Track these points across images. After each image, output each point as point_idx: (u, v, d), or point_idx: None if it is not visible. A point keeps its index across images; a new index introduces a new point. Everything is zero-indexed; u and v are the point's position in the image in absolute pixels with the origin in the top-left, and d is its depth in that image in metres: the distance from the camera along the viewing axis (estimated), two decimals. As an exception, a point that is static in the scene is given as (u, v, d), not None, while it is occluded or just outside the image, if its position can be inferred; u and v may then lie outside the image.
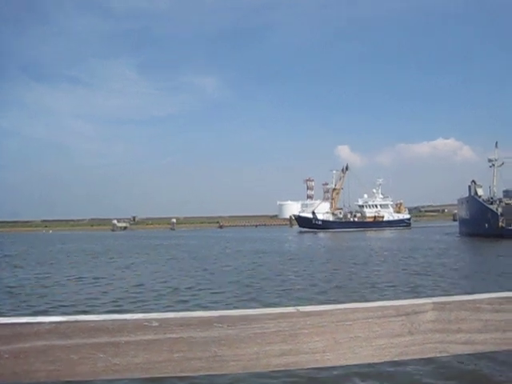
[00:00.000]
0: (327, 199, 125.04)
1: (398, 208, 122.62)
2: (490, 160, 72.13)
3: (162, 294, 20.44)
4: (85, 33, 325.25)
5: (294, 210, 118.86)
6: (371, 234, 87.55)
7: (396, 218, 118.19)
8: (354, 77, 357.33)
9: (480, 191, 67.77)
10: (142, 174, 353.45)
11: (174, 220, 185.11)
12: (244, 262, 34.65)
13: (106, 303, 18.18)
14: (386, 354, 1.27)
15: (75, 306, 17.54)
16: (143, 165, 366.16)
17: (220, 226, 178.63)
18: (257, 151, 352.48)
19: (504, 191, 67.94)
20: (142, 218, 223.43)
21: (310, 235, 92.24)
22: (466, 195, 70.38)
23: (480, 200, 65.45)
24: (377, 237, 75.89)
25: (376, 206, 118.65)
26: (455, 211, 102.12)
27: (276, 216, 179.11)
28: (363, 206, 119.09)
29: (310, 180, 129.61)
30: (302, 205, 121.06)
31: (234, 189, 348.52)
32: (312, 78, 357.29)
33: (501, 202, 63.68)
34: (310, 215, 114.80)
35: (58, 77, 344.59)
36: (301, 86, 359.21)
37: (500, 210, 60.69)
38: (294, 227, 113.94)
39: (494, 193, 68.39)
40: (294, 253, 44.98)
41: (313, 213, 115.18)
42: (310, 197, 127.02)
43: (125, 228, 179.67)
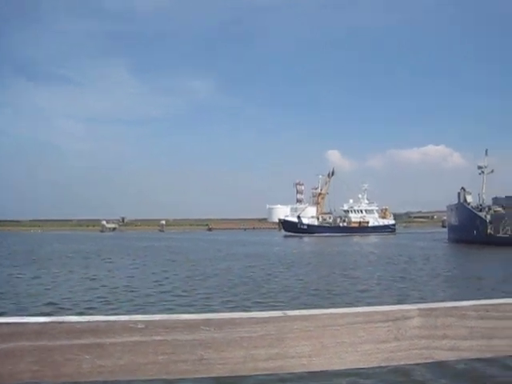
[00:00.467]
0: (317, 203, 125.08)
1: (383, 213, 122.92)
2: (480, 167, 72.49)
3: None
4: (77, 33, 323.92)
5: (283, 213, 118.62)
6: (356, 239, 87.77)
7: (381, 223, 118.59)
8: (344, 82, 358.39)
9: (469, 198, 68.12)
10: (131, 175, 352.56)
11: (164, 222, 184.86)
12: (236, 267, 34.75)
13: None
14: (372, 359, 1.26)
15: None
16: (133, 166, 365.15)
17: (209, 229, 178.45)
18: (247, 155, 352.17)
19: (493, 198, 68.21)
20: (131, 219, 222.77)
21: (295, 239, 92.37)
22: (456, 202, 70.70)
23: (469, 207, 65.80)
24: (361, 242, 76.10)
25: (361, 211, 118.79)
26: (444, 218, 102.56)
27: (265, 219, 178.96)
28: (348, 210, 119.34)
29: (299, 184, 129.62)
30: (291, 209, 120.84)
31: (223, 192, 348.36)
32: (302, 83, 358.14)
33: (490, 209, 64.04)
34: (296, 219, 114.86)
35: (49, 76, 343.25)
36: (291, 91, 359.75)
37: (489, 217, 61.06)
38: (282, 231, 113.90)
39: (483, 200, 68.73)
40: (281, 257, 44.98)
41: (298, 217, 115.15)
42: (299, 201, 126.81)
43: (114, 229, 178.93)
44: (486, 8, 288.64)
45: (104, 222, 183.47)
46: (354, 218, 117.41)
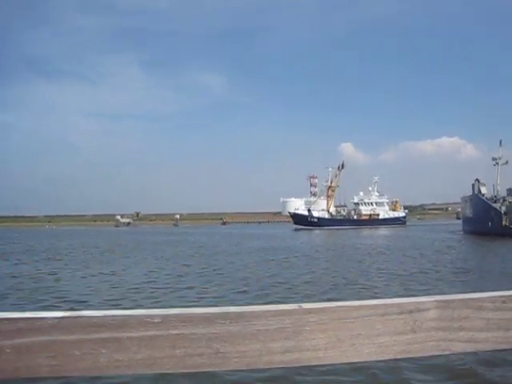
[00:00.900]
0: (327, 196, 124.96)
1: (393, 206, 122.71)
2: (494, 158, 72.02)
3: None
4: (88, 29, 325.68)
5: (297, 206, 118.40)
6: (366, 231, 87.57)
7: (391, 215, 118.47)
8: (357, 76, 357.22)
9: (483, 189, 67.65)
10: (145, 170, 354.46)
11: (178, 216, 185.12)
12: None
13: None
14: (388, 351, 1.26)
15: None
16: (146, 161, 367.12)
17: (223, 223, 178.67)
18: (261, 149, 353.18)
19: (508, 190, 67.67)
20: (146, 213, 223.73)
21: (306, 232, 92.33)
22: (470, 193, 70.27)
23: (483, 198, 65.35)
24: (372, 235, 75.87)
25: (372, 203, 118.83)
26: (459, 209, 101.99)
27: (280, 213, 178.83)
28: (359, 203, 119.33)
29: (313, 177, 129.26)
30: (305, 201, 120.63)
31: (237, 186, 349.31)
32: (316, 77, 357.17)
33: (504, 200, 63.48)
34: (306, 212, 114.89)
35: (62, 73, 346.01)
36: (305, 85, 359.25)
37: (503, 208, 60.52)
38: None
39: (497, 191, 68.26)
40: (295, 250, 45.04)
41: (308, 210, 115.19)
42: (313, 194, 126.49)
43: (128, 224, 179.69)
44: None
45: (118, 217, 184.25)
46: (365, 210, 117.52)
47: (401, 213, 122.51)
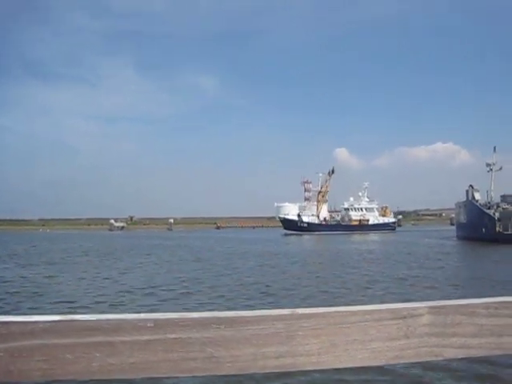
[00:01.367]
0: (325, 201, 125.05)
1: (383, 211, 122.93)
2: (488, 164, 72.21)
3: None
4: (85, 31, 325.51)
5: (291, 211, 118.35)
6: (356, 237, 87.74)
7: (381, 221, 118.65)
8: (352, 79, 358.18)
9: (477, 196, 67.80)
10: (139, 173, 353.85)
11: (172, 220, 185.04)
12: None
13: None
14: (381, 357, 1.26)
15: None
16: (141, 164, 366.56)
17: (217, 227, 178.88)
18: (256, 152, 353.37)
19: (501, 196, 67.94)
20: (139, 217, 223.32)
21: (295, 238, 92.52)
22: (464, 199, 70.46)
23: (477, 204, 65.50)
24: (361, 240, 75.98)
25: (361, 209, 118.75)
26: (453, 215, 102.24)
27: (274, 218, 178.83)
28: (349, 208, 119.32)
29: (307, 182, 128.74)
30: (299, 207, 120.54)
31: (231, 190, 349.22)
32: (311, 80, 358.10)
33: (498, 206, 63.67)
34: (296, 217, 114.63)
35: (58, 75, 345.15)
36: (300, 88, 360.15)
37: (497, 214, 60.65)
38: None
39: (491, 197, 68.38)
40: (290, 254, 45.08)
41: (298, 215, 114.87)
42: (307, 199, 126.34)
43: (122, 228, 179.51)
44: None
45: (112, 221, 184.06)
46: (355, 216, 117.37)
47: (391, 218, 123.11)
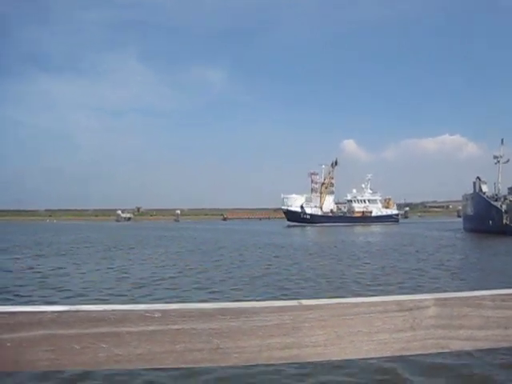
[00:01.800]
0: (331, 193, 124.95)
1: (386, 203, 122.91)
2: (496, 157, 71.89)
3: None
4: (89, 24, 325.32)
5: (298, 203, 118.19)
6: (359, 229, 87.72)
7: (384, 213, 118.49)
8: (358, 74, 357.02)
9: (485, 188, 67.55)
10: (146, 165, 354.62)
11: (179, 211, 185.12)
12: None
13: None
14: (387, 349, 1.26)
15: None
16: (147, 157, 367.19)
17: (224, 219, 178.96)
18: (261, 147, 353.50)
19: (509, 188, 67.59)
20: (146, 208, 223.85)
21: (298, 229, 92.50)
22: (471, 192, 70.22)
23: (484, 197, 65.26)
24: (364, 232, 75.89)
25: (364, 200, 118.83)
26: (460, 207, 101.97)
27: (280, 209, 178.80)
28: (352, 200, 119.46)
29: (314, 174, 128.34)
30: (306, 198, 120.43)
31: (238, 182, 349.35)
32: (316, 76, 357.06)
33: (505, 199, 63.34)
34: (299, 209, 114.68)
35: (63, 68, 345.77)
36: (306, 84, 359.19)
37: (504, 207, 60.35)
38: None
39: (498, 190, 68.17)
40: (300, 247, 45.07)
41: (301, 207, 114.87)
42: (314, 190, 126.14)
43: (129, 219, 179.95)
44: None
45: (119, 212, 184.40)
46: (357, 207, 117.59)
47: (394, 210, 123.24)
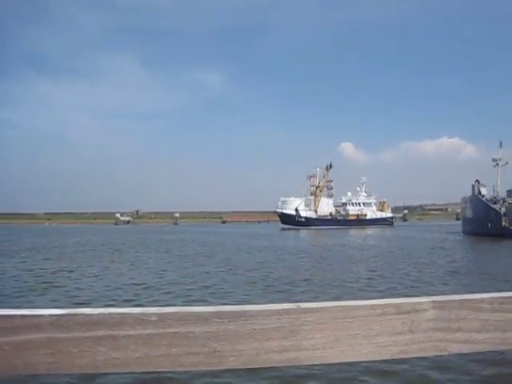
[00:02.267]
0: (330, 196, 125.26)
1: (381, 206, 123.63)
2: (495, 159, 71.93)
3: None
4: (89, 26, 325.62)
5: (296, 205, 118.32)
6: (353, 232, 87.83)
7: (379, 216, 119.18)
8: (357, 76, 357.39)
9: (483, 190, 67.56)
10: (144, 168, 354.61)
11: (177, 214, 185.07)
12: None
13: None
14: (385, 352, 1.26)
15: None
16: (145, 159, 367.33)
17: (223, 222, 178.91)
18: (260, 148, 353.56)
19: (507, 191, 67.57)
20: (145, 212, 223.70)
21: (292, 232, 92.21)
22: (470, 194, 70.25)
23: (483, 199, 65.25)
24: (358, 235, 75.44)
25: (359, 203, 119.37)
26: (458, 210, 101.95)
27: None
28: (346, 203, 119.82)
29: (313, 176, 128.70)
30: (305, 200, 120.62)
31: (237, 184, 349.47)
32: (316, 77, 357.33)
33: (504, 201, 63.32)
34: (293, 212, 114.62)
35: (62, 70, 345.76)
36: (305, 85, 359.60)
37: (503, 209, 60.34)
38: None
39: (497, 192, 68.14)
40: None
41: (296, 210, 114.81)
42: (312, 193, 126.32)
43: (128, 222, 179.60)
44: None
45: (118, 215, 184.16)
46: (352, 210, 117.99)
47: (388, 213, 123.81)
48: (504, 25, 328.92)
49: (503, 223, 58.81)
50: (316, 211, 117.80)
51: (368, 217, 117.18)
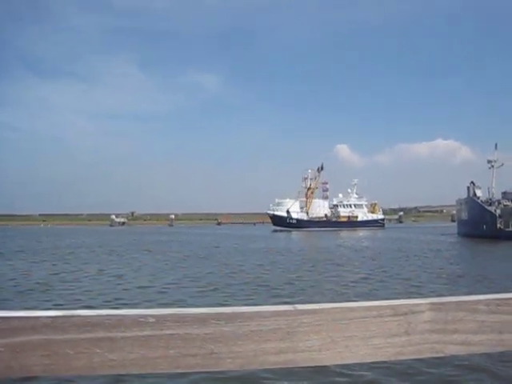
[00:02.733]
0: (325, 198, 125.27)
1: (372, 208, 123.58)
2: (490, 161, 72.10)
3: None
4: (86, 28, 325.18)
5: (292, 207, 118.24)
6: (344, 233, 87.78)
7: (370, 218, 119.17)
8: (353, 77, 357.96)
9: (479, 192, 67.77)
10: (140, 169, 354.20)
11: (173, 216, 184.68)
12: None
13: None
14: (382, 353, 1.26)
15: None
16: (141, 160, 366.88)
17: (218, 223, 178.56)
18: (256, 149, 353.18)
19: (502, 193, 67.75)
20: (141, 213, 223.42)
21: (283, 234, 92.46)
22: (465, 196, 70.36)
23: (478, 201, 65.45)
24: (349, 237, 75.54)
25: (350, 205, 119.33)
26: (454, 212, 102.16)
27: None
28: (337, 205, 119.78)
29: (306, 178, 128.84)
30: (300, 202, 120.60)
31: (233, 185, 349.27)
32: (313, 78, 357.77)
33: (499, 203, 63.56)
34: (285, 214, 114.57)
35: (59, 72, 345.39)
36: (303, 85, 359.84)
37: (498, 211, 60.63)
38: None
39: (492, 194, 68.33)
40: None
41: (287, 211, 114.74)
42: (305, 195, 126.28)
43: (123, 223, 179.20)
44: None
45: (113, 217, 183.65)
46: (343, 212, 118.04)
47: (379, 215, 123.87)
48: (504, 25, 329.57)
49: (498, 225, 59.04)
50: (307, 213, 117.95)
51: (359, 219, 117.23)
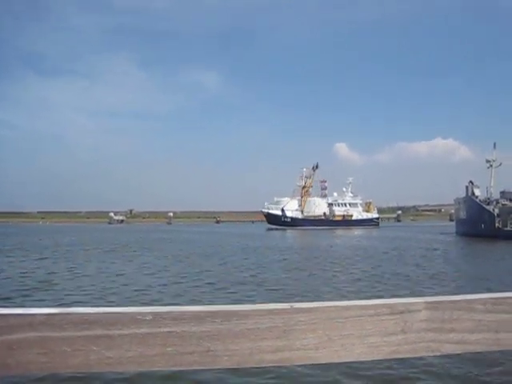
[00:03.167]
0: (324, 196, 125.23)
1: (367, 207, 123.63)
2: (488, 161, 72.14)
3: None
4: (86, 27, 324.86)
5: (291, 206, 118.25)
6: (339, 232, 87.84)
7: (365, 217, 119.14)
8: (353, 76, 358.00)
9: (477, 192, 67.79)
10: (139, 167, 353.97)
11: (171, 214, 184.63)
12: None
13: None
14: (378, 352, 1.26)
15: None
16: (140, 159, 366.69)
17: (217, 221, 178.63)
18: (256, 148, 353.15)
19: (501, 192, 67.78)
20: (139, 211, 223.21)
21: (278, 232, 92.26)
22: (464, 195, 70.39)
23: (477, 200, 65.47)
24: (344, 236, 75.80)
25: (345, 204, 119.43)
26: (452, 211, 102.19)
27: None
28: (332, 204, 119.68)
29: (308, 177, 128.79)
30: (298, 200, 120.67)
31: (232, 184, 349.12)
32: (313, 77, 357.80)
33: (497, 202, 63.60)
34: (279, 212, 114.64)
35: (59, 71, 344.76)
36: (304, 85, 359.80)
37: (496, 210, 60.63)
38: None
39: (490, 193, 68.31)
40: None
41: (282, 210, 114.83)
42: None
43: (122, 221, 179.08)
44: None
45: (112, 214, 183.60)
46: (338, 211, 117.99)
47: (374, 214, 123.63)
48: (504, 25, 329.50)
49: (496, 224, 59.04)
50: (302, 211, 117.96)
51: (354, 217, 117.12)
